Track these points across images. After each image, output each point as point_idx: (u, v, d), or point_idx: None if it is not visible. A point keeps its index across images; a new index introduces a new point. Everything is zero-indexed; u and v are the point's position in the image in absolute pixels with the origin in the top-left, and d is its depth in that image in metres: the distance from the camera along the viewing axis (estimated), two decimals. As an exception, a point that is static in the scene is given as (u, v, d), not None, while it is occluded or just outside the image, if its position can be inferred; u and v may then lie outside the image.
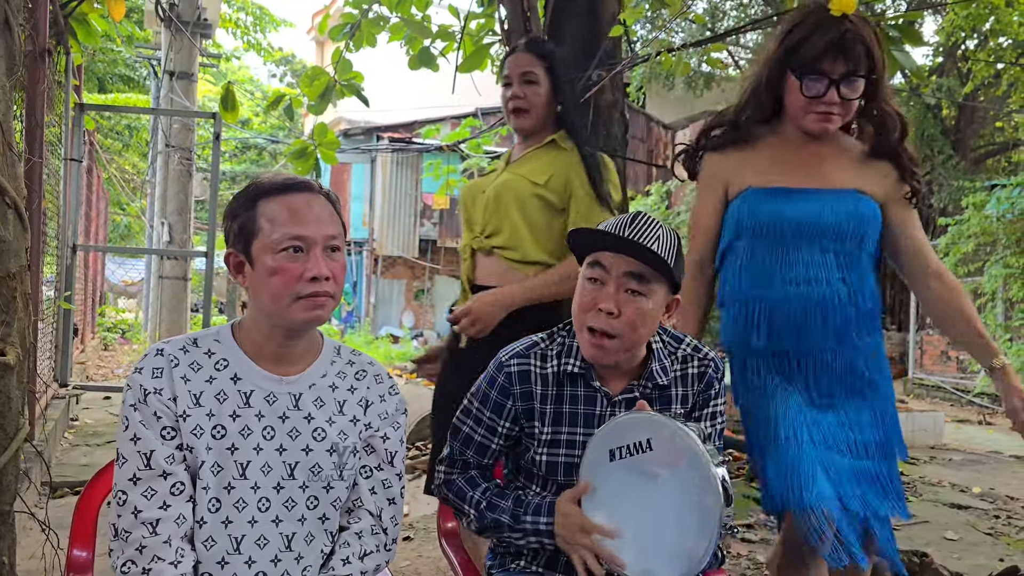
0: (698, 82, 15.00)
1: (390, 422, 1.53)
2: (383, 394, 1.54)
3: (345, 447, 1.46)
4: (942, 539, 4.18)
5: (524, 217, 2.27)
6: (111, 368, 9.30)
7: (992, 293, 10.12)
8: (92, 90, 15.97)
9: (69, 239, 5.32)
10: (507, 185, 2.31)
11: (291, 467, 1.41)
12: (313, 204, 1.40)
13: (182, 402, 1.36)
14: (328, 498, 1.44)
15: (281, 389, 1.43)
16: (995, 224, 9.87)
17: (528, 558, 1.64)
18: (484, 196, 2.34)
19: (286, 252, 1.36)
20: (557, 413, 1.59)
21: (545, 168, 2.30)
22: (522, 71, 2.32)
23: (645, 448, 1.42)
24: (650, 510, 1.41)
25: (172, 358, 1.39)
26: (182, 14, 8.95)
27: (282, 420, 1.41)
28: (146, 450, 1.33)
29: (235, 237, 1.39)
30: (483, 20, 4.37)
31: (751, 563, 3.66)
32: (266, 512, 1.38)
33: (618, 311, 1.49)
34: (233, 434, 1.38)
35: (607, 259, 1.51)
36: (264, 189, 1.40)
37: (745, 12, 15.30)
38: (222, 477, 1.36)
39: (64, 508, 3.09)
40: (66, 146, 5.01)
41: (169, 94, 9.14)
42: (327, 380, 1.48)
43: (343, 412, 1.48)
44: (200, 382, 1.38)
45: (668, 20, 8.38)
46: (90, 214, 8.96)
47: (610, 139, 3.79)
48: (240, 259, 1.40)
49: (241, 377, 1.41)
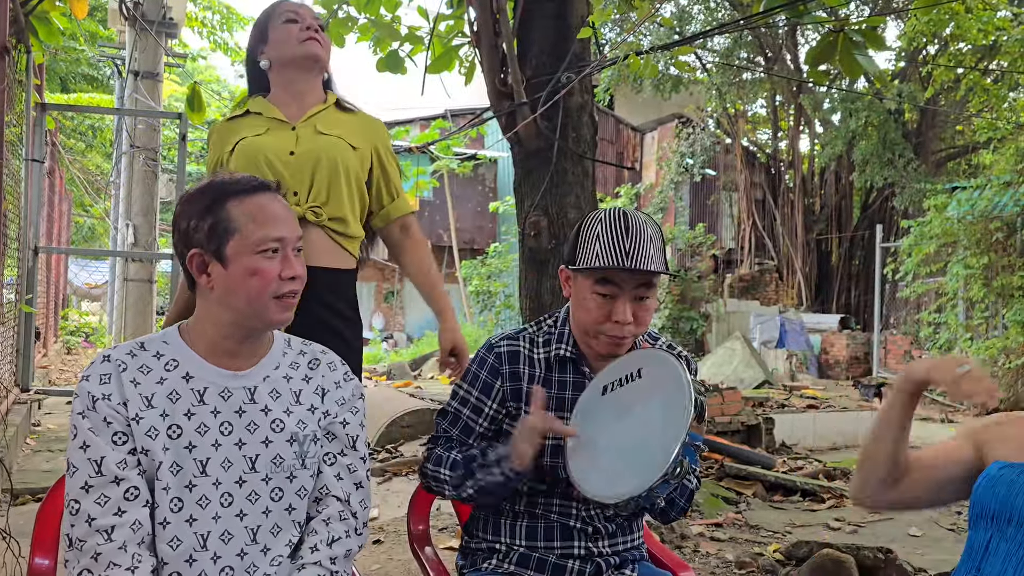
0: (666, 85, 15.13)
1: (348, 407, 1.54)
2: (338, 380, 1.55)
3: (305, 436, 1.46)
4: (906, 535, 4.25)
5: (349, 187, 2.15)
6: (74, 372, 9.14)
7: (953, 293, 10.32)
8: (54, 89, 15.69)
9: (30, 241, 5.22)
10: (316, 146, 2.11)
11: (252, 460, 1.41)
12: (279, 204, 1.43)
13: (133, 406, 1.35)
14: (292, 488, 1.44)
15: (235, 384, 1.42)
16: (956, 226, 10.08)
17: (500, 556, 1.65)
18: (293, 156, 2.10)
19: (264, 253, 1.38)
20: (546, 397, 1.61)
21: (355, 132, 2.19)
22: (312, 16, 2.21)
23: (635, 376, 1.49)
24: (626, 432, 1.46)
25: (120, 363, 1.37)
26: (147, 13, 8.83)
27: (239, 415, 1.41)
28: (96, 457, 1.31)
29: (203, 237, 1.37)
30: (452, 22, 4.36)
31: (720, 561, 3.69)
32: (229, 507, 1.38)
33: (634, 320, 1.56)
34: (189, 432, 1.37)
35: (617, 277, 1.55)
36: (232, 189, 1.40)
37: (712, 16, 15.46)
38: (182, 476, 1.36)
39: (26, 515, 3.03)
40: (27, 146, 4.92)
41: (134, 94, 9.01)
42: (281, 371, 1.48)
43: (300, 401, 1.48)
44: (151, 384, 1.37)
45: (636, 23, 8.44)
46: (52, 216, 8.81)
47: (579, 141, 3.81)
48: (207, 259, 1.38)
49: (193, 375, 1.40)
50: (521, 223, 3.86)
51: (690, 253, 15.78)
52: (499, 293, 15.22)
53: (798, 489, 5.06)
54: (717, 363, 10.31)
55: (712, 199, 17.34)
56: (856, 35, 3.12)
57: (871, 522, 4.54)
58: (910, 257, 10.80)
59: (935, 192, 11.37)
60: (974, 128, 13.89)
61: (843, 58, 3.14)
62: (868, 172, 14.73)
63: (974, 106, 12.52)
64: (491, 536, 1.67)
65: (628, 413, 1.47)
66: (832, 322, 14.31)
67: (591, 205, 3.82)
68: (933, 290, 10.87)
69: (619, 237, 1.54)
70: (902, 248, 11.17)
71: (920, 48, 14.31)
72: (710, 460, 5.45)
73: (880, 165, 14.45)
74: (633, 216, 1.57)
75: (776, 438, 6.43)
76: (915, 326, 11.64)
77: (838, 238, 17.01)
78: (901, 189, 14.36)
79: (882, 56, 17.38)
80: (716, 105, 16.38)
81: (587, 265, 1.55)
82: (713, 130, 16.77)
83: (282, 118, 2.16)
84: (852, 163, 15.56)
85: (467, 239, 17.55)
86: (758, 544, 4.01)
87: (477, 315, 15.81)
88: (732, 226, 17.54)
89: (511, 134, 3.79)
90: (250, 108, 2.20)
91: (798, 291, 16.49)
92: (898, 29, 14.80)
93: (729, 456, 5.47)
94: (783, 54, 16.25)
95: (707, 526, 4.27)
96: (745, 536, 4.15)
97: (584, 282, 1.58)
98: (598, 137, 3.96)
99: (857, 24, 3.22)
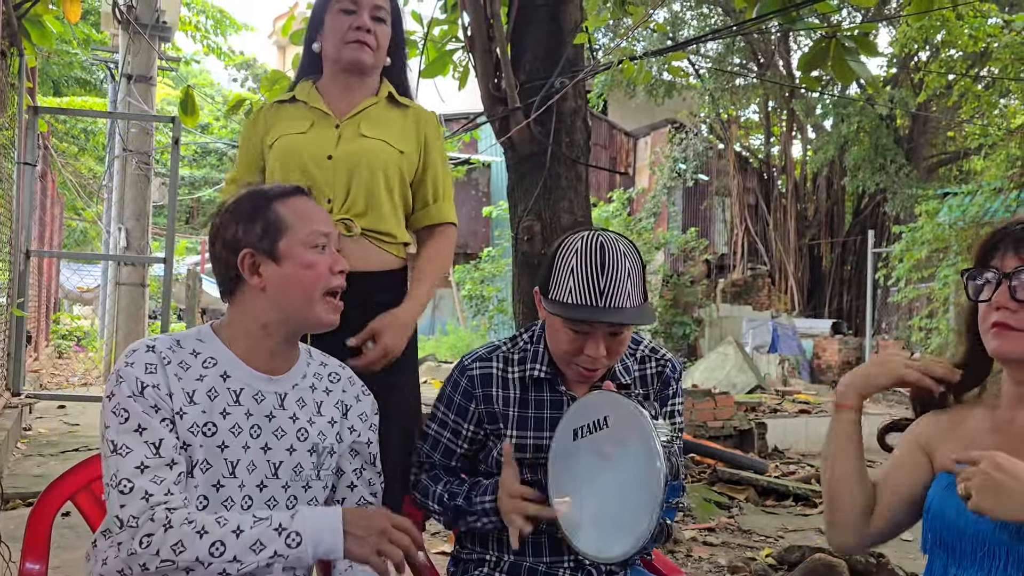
0: (659, 90, 15.17)
1: (368, 424, 1.56)
2: (358, 395, 1.57)
3: (324, 448, 1.48)
4: (898, 540, 4.25)
5: (391, 195, 1.98)
6: (66, 376, 9.10)
7: (944, 298, 10.36)
8: (47, 93, 15.64)
9: (22, 245, 5.20)
10: (355, 149, 1.95)
11: (275, 466, 1.42)
12: (316, 205, 1.50)
13: (178, 399, 1.35)
14: (306, 497, 1.46)
15: (269, 388, 1.44)
16: (947, 231, 10.13)
17: (491, 565, 1.65)
18: (330, 160, 1.94)
19: (316, 248, 1.42)
20: (522, 417, 1.61)
21: (404, 131, 2.02)
22: (374, 3, 1.98)
23: (603, 425, 1.46)
24: (606, 487, 1.44)
25: (164, 355, 1.37)
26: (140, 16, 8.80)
27: (268, 419, 1.42)
28: (154, 439, 1.31)
29: (254, 238, 1.40)
30: (446, 27, 4.37)
31: (713, 566, 3.70)
32: (248, 511, 1.37)
33: (606, 355, 1.52)
34: (224, 432, 1.38)
35: (588, 326, 1.49)
36: (276, 193, 1.46)
37: (705, 22, 15.51)
38: (211, 475, 1.36)
39: (16, 520, 3.01)
40: (19, 149, 4.90)
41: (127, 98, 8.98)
42: (307, 381, 1.50)
43: (321, 413, 1.49)
44: (191, 380, 1.38)
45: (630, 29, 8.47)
46: (44, 219, 8.77)
47: (573, 145, 3.82)
48: (259, 259, 1.40)
49: (230, 375, 1.41)
50: (514, 228, 3.87)
51: (683, 258, 15.80)
52: (492, 298, 15.22)
53: (790, 494, 5.06)
54: (710, 368, 10.33)
55: (705, 204, 17.38)
56: (848, 41, 3.14)
57: (863, 526, 4.55)
58: (902, 262, 10.85)
59: (927, 198, 11.44)
60: (965, 134, 13.98)
61: (835, 64, 3.16)
62: (860, 177, 14.78)
63: (965, 112, 12.59)
64: (480, 548, 1.68)
65: (604, 466, 1.45)
66: (824, 327, 14.34)
67: (584, 210, 3.82)
68: (924, 295, 10.92)
69: (594, 275, 1.46)
70: (894, 253, 11.22)
71: (912, 54, 14.38)
72: (703, 465, 5.46)
73: (872, 170, 14.51)
74: (612, 248, 1.48)
75: (768, 443, 6.45)
76: (907, 331, 11.68)
77: (830, 243, 17.06)
78: (893, 195, 14.42)
79: (874, 62, 17.48)
80: (709, 110, 16.43)
81: (559, 300, 1.49)
82: (706, 135, 16.81)
83: (327, 111, 1.99)
84: (844, 168, 15.61)
85: (460, 243, 17.52)
86: (750, 549, 4.01)
87: (470, 319, 15.81)
88: (725, 231, 17.58)
89: (505, 139, 3.79)
90: (297, 95, 2.04)
91: (790, 296, 16.53)
92: (890, 35, 14.88)
93: (721, 461, 5.48)
94: (776, 60, 16.32)
95: (699, 531, 4.27)
96: (737, 541, 4.16)
97: (556, 317, 1.52)
98: (591, 142, 3.97)
99: (849, 30, 3.25)
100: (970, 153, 14.84)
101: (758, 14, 3.72)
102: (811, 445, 6.89)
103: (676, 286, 14.66)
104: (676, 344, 14.24)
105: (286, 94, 2.09)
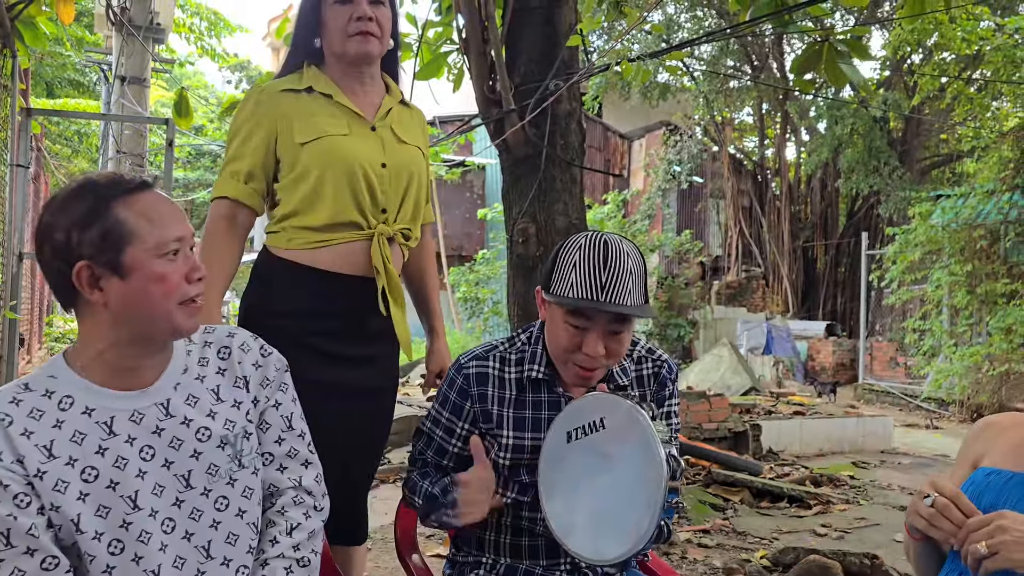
0: (653, 93, 15.19)
1: (276, 385, 1.44)
2: (256, 361, 1.43)
3: (236, 435, 1.36)
4: (892, 541, 4.27)
5: (421, 202, 2.03)
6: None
7: (938, 300, 10.39)
8: (40, 94, 15.58)
9: (15, 247, 5.18)
10: (404, 158, 1.96)
11: (185, 478, 1.30)
12: (166, 202, 1.30)
13: (31, 461, 1.19)
14: (236, 492, 1.35)
15: (144, 403, 1.29)
16: (940, 233, 10.16)
17: (487, 567, 1.65)
18: (385, 169, 1.93)
19: (166, 256, 1.25)
20: (520, 418, 1.61)
21: (420, 136, 2.04)
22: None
23: (598, 427, 1.45)
24: (603, 489, 1.44)
25: (2, 416, 1.20)
26: (134, 18, 8.79)
27: (157, 435, 1.28)
28: (2, 529, 1.15)
29: (91, 248, 1.21)
30: (440, 29, 4.37)
31: (707, 568, 3.70)
32: (173, 532, 1.28)
33: (605, 354, 1.51)
34: (107, 470, 1.23)
35: (589, 313, 1.50)
36: (117, 190, 1.25)
37: (699, 24, 15.54)
38: (113, 517, 1.23)
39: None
40: (12, 151, 4.89)
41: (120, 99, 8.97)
42: (191, 374, 1.35)
43: (221, 399, 1.36)
44: (46, 431, 1.21)
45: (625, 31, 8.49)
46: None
47: (567, 148, 3.82)
48: (98, 273, 1.22)
49: (94, 407, 1.25)
50: (509, 230, 3.87)
51: (677, 260, 15.82)
52: (487, 300, 15.21)
53: (785, 495, 5.07)
54: (704, 370, 10.34)
55: (699, 206, 17.40)
56: (841, 45, 3.15)
57: (857, 528, 4.56)
58: (895, 264, 10.88)
59: (920, 200, 11.47)
60: (958, 137, 14.01)
61: (828, 67, 3.17)
62: (854, 180, 14.82)
63: (958, 115, 12.63)
64: (476, 551, 1.68)
65: (600, 467, 1.44)
66: (818, 329, 14.37)
67: (579, 212, 3.83)
68: (918, 297, 10.95)
69: (596, 269, 1.47)
70: (887, 255, 11.25)
71: (905, 57, 14.43)
72: (697, 467, 5.46)
73: (866, 173, 14.55)
74: (615, 247, 1.50)
75: (763, 444, 6.46)
76: (900, 333, 11.71)
77: (824, 245, 17.10)
78: (886, 197, 14.46)
79: (868, 65, 17.53)
80: (703, 113, 16.46)
81: (561, 294, 1.49)
82: (700, 138, 16.83)
83: (358, 111, 1.94)
84: (838, 171, 15.66)
85: (455, 246, 17.53)
86: (745, 550, 4.02)
87: (465, 322, 15.79)
88: (719, 233, 17.61)
89: (499, 141, 3.79)
90: (313, 85, 1.95)
91: (785, 298, 16.56)
92: (883, 38, 14.93)
93: (716, 462, 5.49)
94: (770, 62, 16.36)
95: (694, 532, 4.27)
96: (732, 542, 4.16)
97: (557, 311, 1.53)
98: (586, 144, 3.97)
99: (842, 33, 3.25)
100: (963, 155, 14.88)
101: (751, 17, 3.73)
102: (805, 447, 6.91)
103: (671, 288, 14.67)
104: (671, 346, 14.25)
105: (293, 82, 1.98)
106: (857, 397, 11.58)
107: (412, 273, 2.19)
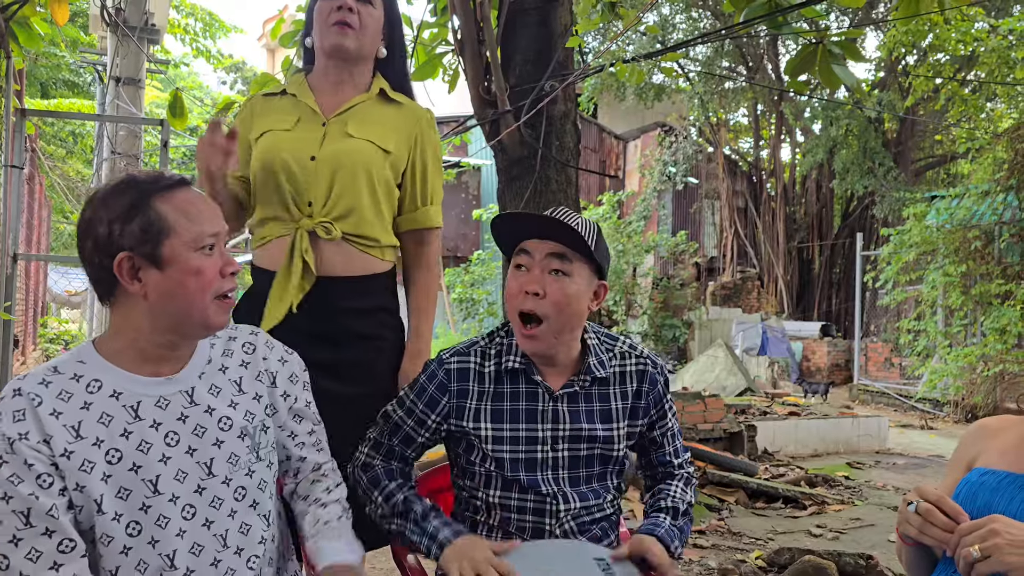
0: (648, 94, 15.21)
1: (301, 384, 1.52)
2: (282, 358, 1.50)
3: (255, 427, 1.40)
4: (887, 542, 4.28)
5: (374, 199, 1.90)
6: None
7: (932, 301, 10.42)
8: (34, 95, 15.55)
9: (9, 248, 5.17)
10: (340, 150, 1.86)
11: (207, 465, 1.33)
12: (203, 199, 1.35)
13: (58, 441, 1.22)
14: (253, 483, 1.38)
15: (170, 390, 1.33)
16: (935, 234, 10.18)
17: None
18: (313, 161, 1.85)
19: (203, 250, 1.30)
20: (498, 410, 1.62)
21: (394, 131, 1.93)
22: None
23: None
24: None
25: (32, 396, 1.23)
26: (129, 19, 8.77)
27: (182, 421, 1.32)
28: (22, 508, 1.18)
29: (132, 240, 1.26)
30: (436, 30, 4.37)
31: (703, 568, 3.70)
32: (193, 519, 1.31)
33: (543, 292, 1.55)
34: (131, 453, 1.27)
35: (531, 244, 1.58)
36: (157, 186, 1.30)
37: (694, 26, 15.57)
38: (133, 499, 1.26)
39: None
40: (6, 152, 4.88)
41: (115, 100, 8.95)
42: (214, 365, 1.40)
43: (243, 391, 1.41)
44: (74, 412, 1.25)
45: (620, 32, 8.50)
46: (32, 222, 8.72)
47: (563, 149, 3.83)
48: (138, 263, 1.27)
49: (122, 391, 1.29)
50: (505, 231, 3.87)
51: (672, 261, 15.84)
52: (482, 301, 15.20)
53: (780, 496, 5.08)
54: (700, 370, 10.35)
55: (694, 207, 17.43)
56: (835, 47, 3.15)
57: (852, 529, 4.57)
58: (890, 265, 10.90)
59: (914, 201, 11.51)
60: (953, 138, 14.07)
61: (822, 69, 3.17)
62: (848, 180, 14.86)
63: (952, 116, 12.67)
64: None
65: None
66: (813, 330, 14.41)
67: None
68: (913, 298, 10.97)
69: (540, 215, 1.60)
70: (882, 256, 11.27)
71: (899, 58, 14.47)
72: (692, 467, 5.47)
73: (860, 174, 14.59)
74: (566, 208, 1.62)
75: (758, 445, 6.46)
76: (895, 333, 11.73)
77: (819, 246, 17.14)
78: (881, 198, 14.51)
79: (862, 66, 17.56)
80: (698, 114, 16.49)
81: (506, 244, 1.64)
82: (695, 139, 16.86)
83: (315, 108, 1.91)
84: (833, 172, 15.70)
85: (450, 247, 17.53)
86: (740, 551, 4.02)
87: (460, 323, 15.79)
88: (714, 234, 17.64)
89: (495, 142, 3.80)
90: (287, 88, 1.97)
91: (779, 299, 16.59)
92: (878, 39, 14.97)
93: (711, 463, 5.49)
94: (764, 64, 16.39)
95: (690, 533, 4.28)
96: (727, 543, 4.17)
97: (511, 262, 1.63)
98: (581, 145, 3.98)
99: (836, 35, 3.26)
100: (957, 156, 14.94)
101: (746, 18, 3.74)
102: (800, 447, 6.92)
103: (666, 289, 14.69)
104: (666, 347, 14.27)
105: (278, 87, 2.03)
106: (852, 398, 11.61)
107: (411, 289, 2.07)
